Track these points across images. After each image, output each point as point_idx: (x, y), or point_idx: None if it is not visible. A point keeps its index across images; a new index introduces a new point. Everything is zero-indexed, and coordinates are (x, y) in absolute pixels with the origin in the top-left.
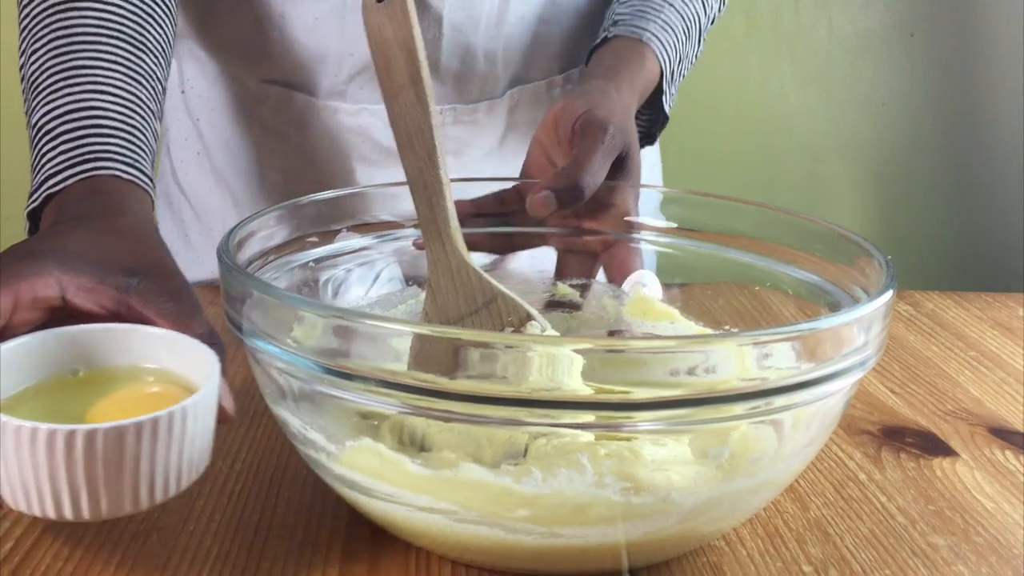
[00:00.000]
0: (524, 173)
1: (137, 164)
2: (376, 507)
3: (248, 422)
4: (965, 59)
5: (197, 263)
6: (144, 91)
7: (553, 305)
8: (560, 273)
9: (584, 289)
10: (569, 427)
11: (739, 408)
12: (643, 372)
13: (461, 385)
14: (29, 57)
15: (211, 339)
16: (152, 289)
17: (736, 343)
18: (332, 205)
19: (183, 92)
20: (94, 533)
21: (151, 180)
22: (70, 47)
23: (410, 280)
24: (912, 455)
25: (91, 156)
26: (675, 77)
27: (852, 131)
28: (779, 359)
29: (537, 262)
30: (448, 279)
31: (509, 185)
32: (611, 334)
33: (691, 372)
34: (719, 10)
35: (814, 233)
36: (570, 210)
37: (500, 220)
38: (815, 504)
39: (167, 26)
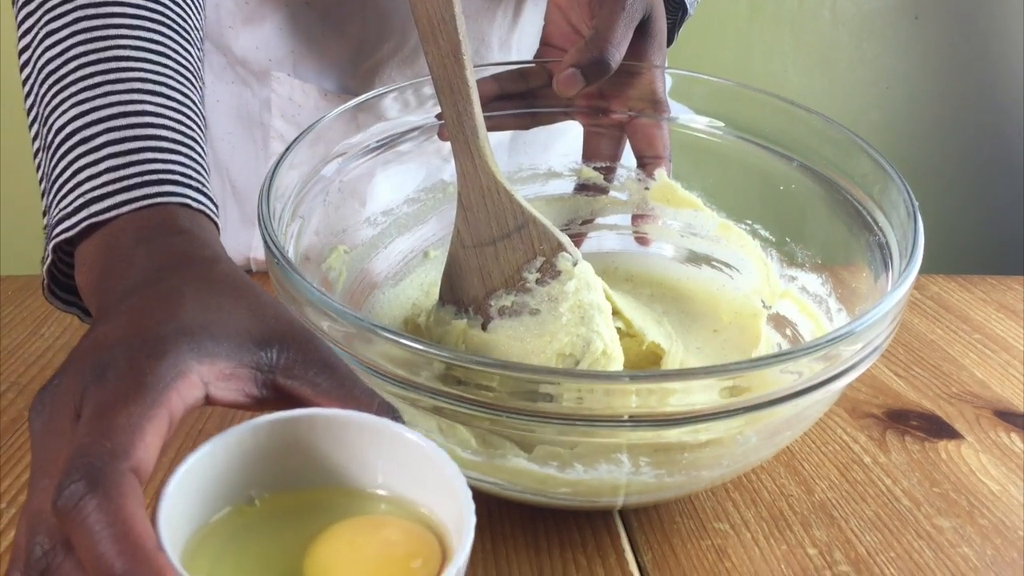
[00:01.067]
0: (544, 40)
1: (204, 188)
2: None
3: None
4: (970, 42)
5: None
6: (196, 92)
7: (579, 189)
8: (587, 151)
9: (608, 172)
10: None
11: (782, 409)
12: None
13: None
14: (43, 39)
15: (387, 409)
16: (297, 361)
17: (779, 368)
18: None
19: None
20: None
21: (217, 208)
22: (106, 31)
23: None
24: (917, 438)
25: (151, 178)
26: None
27: (856, 115)
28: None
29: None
30: (479, 196)
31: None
32: (635, 219)
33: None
34: None
35: (845, 146)
36: (596, 86)
37: (525, 98)
38: (820, 487)
39: (201, 11)
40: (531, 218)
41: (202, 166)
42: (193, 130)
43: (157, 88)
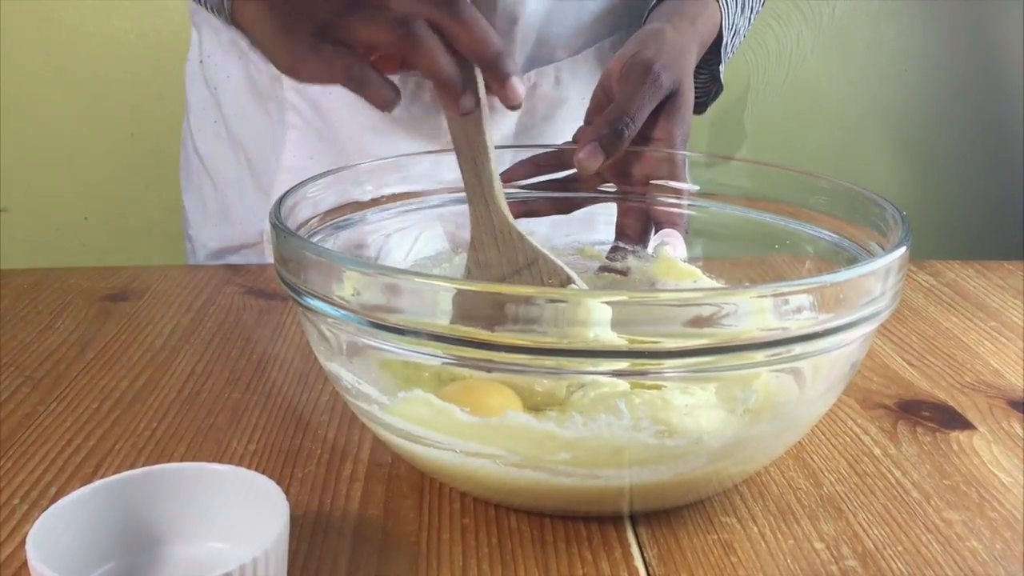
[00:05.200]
0: (586, 120)
1: None
2: (427, 455)
3: (263, 402)
4: (988, 24)
5: (214, 231)
6: None
7: (601, 270)
8: (619, 229)
9: (613, 251)
10: (604, 374)
11: (760, 355)
12: (670, 323)
13: (502, 337)
14: None
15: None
16: None
17: (756, 294)
18: (377, 171)
19: (201, 62)
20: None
21: None
22: None
23: (450, 245)
24: (928, 429)
25: None
26: (732, 39)
27: (872, 96)
28: (797, 309)
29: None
30: (491, 238)
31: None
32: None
33: (715, 321)
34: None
35: (831, 192)
36: (618, 164)
37: (560, 181)
38: (828, 480)
39: None
40: (541, 255)
41: None
42: None
43: None
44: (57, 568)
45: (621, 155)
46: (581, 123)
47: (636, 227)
